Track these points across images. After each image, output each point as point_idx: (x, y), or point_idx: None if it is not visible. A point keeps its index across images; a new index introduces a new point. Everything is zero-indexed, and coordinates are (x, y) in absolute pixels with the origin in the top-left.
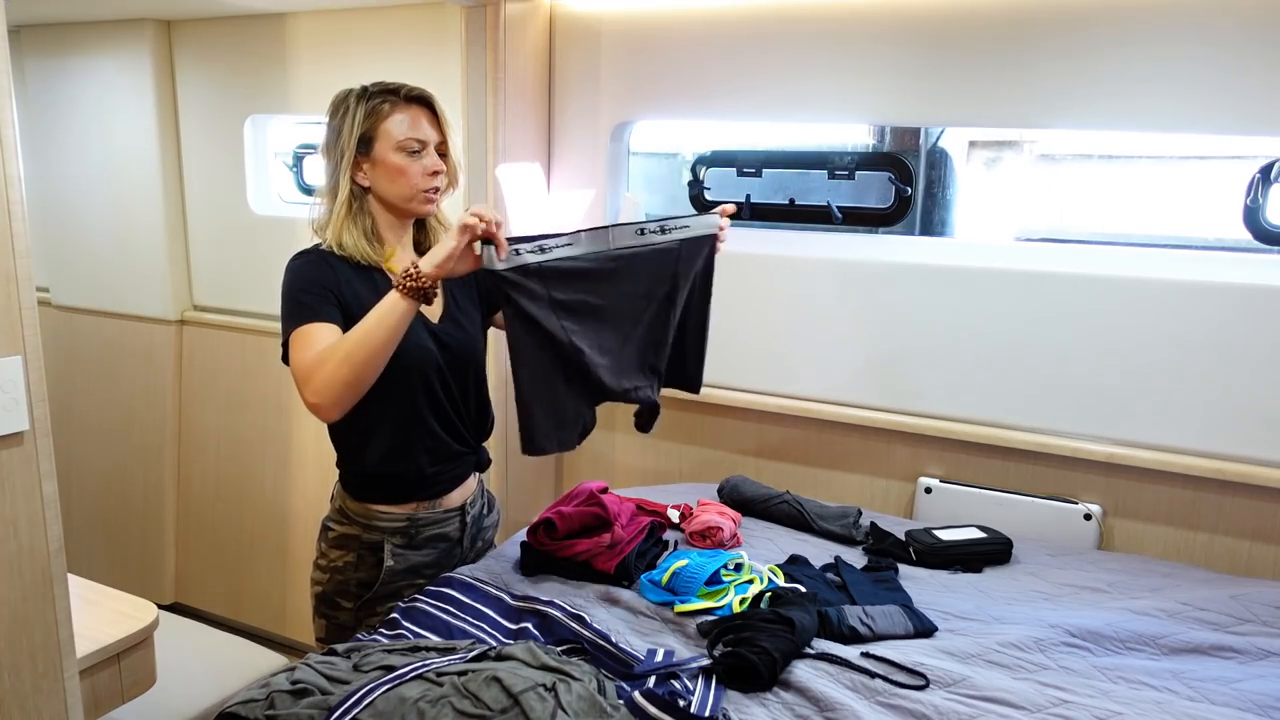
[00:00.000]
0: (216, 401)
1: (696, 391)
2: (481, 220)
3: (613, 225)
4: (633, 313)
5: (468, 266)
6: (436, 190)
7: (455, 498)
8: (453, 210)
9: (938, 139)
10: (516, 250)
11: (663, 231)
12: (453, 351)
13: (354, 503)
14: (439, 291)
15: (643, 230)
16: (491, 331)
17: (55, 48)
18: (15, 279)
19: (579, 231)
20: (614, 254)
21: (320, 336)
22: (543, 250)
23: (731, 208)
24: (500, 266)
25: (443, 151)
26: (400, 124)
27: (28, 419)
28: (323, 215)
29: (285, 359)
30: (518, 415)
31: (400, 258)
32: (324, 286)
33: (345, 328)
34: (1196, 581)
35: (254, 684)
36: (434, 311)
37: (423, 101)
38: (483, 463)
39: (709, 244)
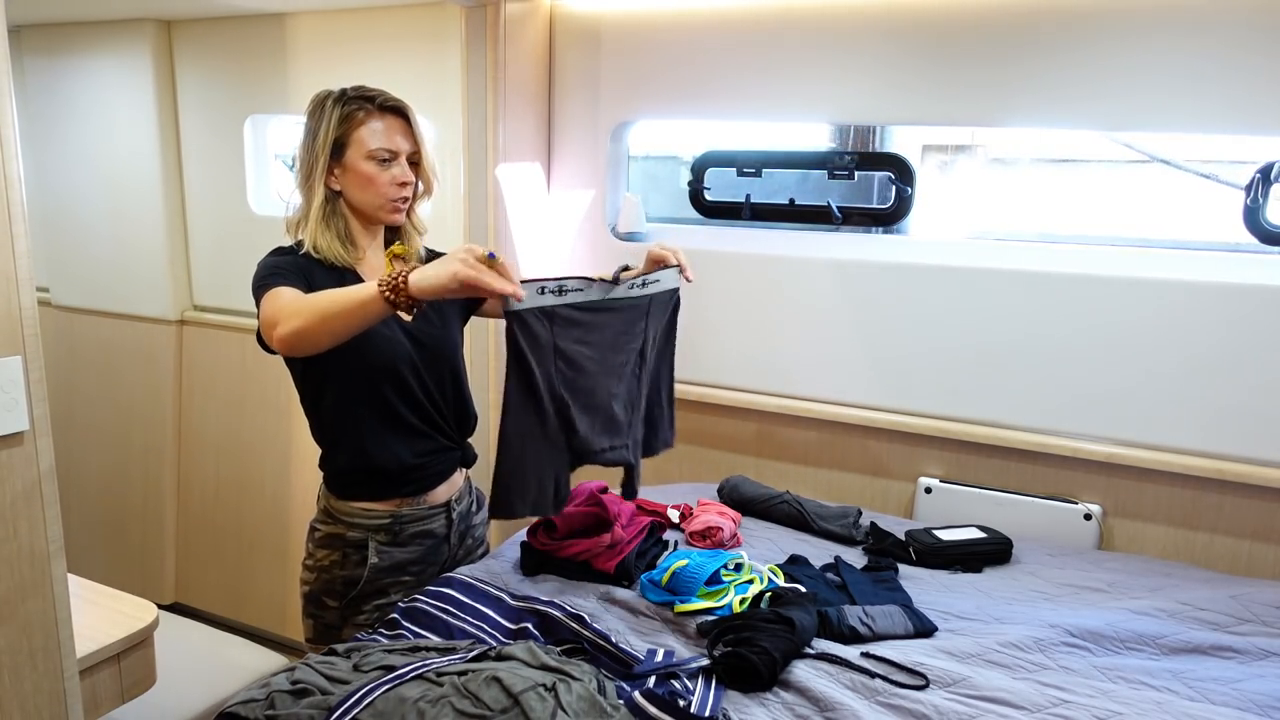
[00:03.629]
0: (216, 401)
1: (670, 446)
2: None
3: (609, 280)
4: (615, 369)
5: (460, 297)
6: (405, 200)
7: (440, 494)
8: (436, 219)
9: (883, 139)
10: (540, 289)
11: (643, 285)
12: (426, 346)
13: (337, 501)
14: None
15: (632, 284)
16: (475, 330)
17: (55, 48)
18: (15, 279)
19: (589, 279)
20: (603, 305)
21: (288, 295)
22: (561, 292)
23: (683, 261)
24: (519, 307)
25: (414, 161)
26: (373, 133)
27: (28, 419)
28: (297, 215)
29: (262, 344)
30: (494, 476)
31: (370, 262)
32: (298, 272)
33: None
34: (1196, 581)
35: (254, 684)
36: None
37: (397, 111)
38: (468, 459)
39: (674, 298)
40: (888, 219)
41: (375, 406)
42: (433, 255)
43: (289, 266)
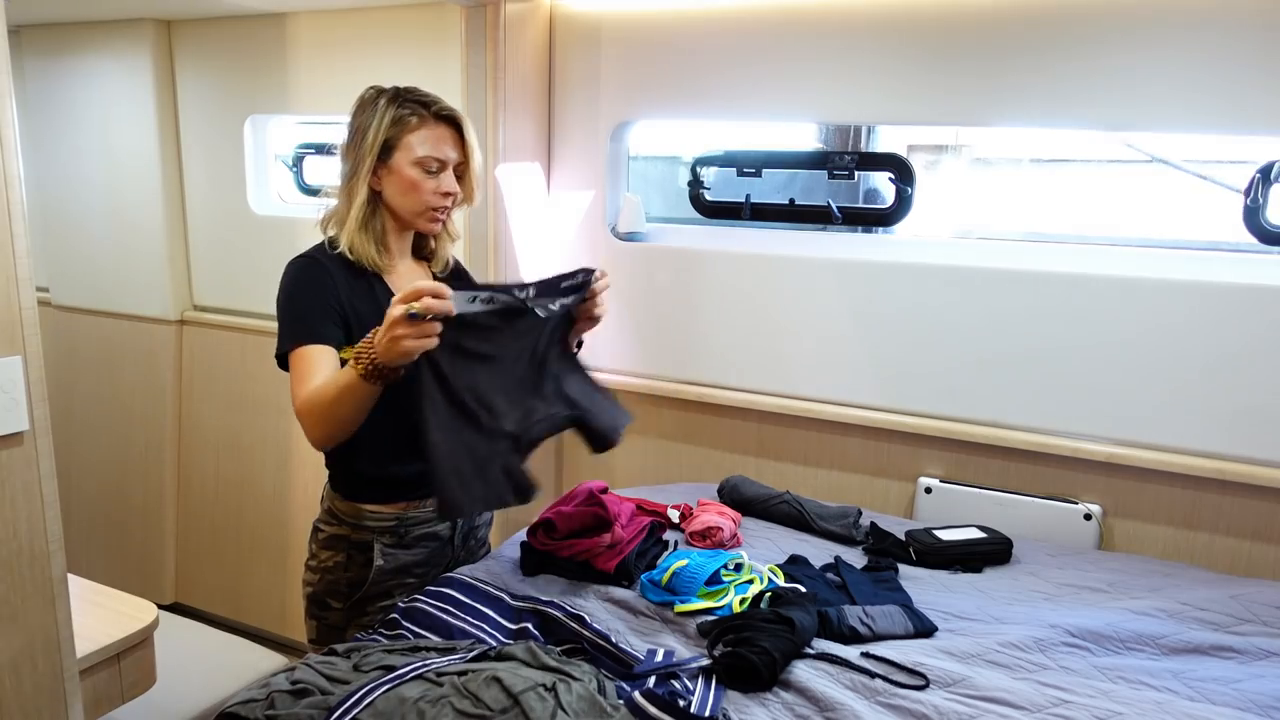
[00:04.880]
0: (216, 401)
1: (629, 418)
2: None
3: (524, 298)
4: (517, 354)
5: (422, 345)
6: (445, 210)
7: None
8: (469, 223)
9: (871, 140)
10: (471, 298)
11: (554, 304)
12: None
13: (343, 502)
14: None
15: (546, 303)
16: None
17: (55, 48)
18: (15, 279)
19: (513, 291)
20: (512, 309)
21: (317, 365)
22: (490, 301)
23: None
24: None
25: (460, 173)
26: (424, 140)
27: (28, 419)
28: (334, 214)
29: (281, 364)
30: (433, 480)
31: (399, 269)
32: (324, 297)
33: (344, 336)
34: (1196, 581)
35: (254, 684)
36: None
37: (451, 120)
38: None
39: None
40: (888, 219)
41: (391, 415)
42: (459, 268)
43: (315, 293)
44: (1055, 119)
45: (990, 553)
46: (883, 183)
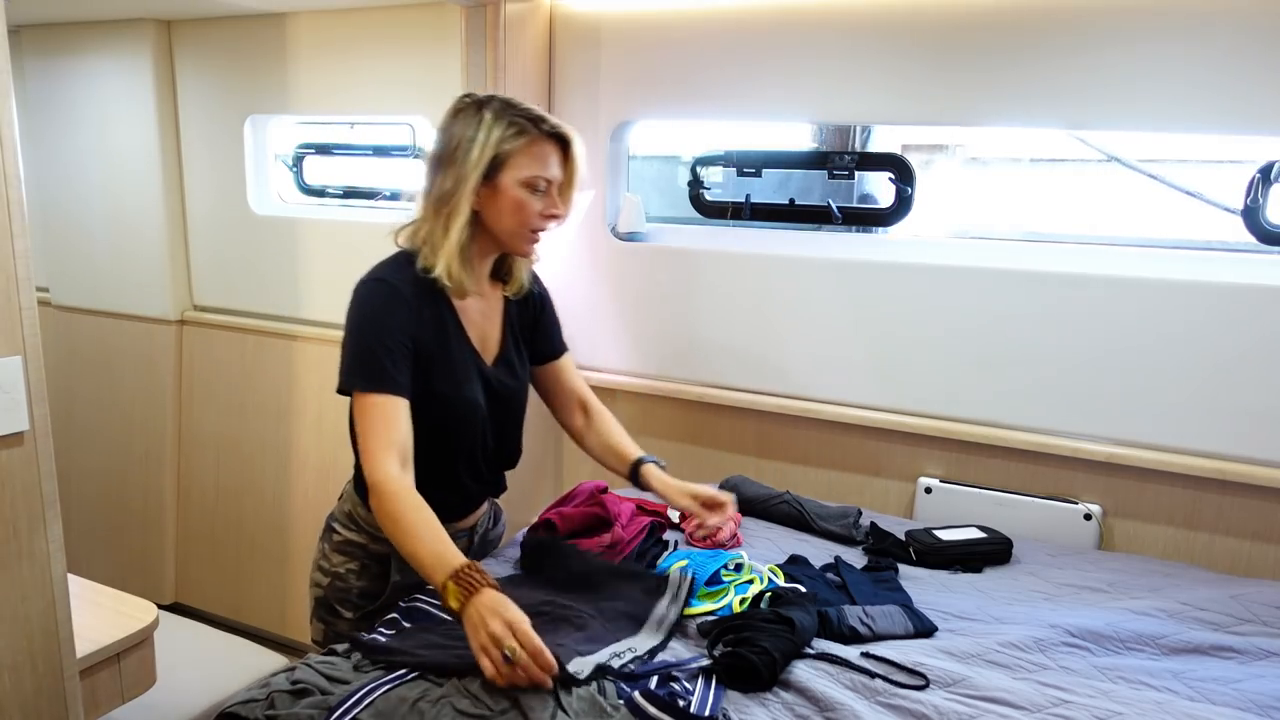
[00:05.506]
0: (217, 401)
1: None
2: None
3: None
4: None
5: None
6: (544, 233)
7: (468, 520)
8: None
9: (866, 140)
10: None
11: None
12: (501, 400)
13: (366, 510)
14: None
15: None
16: None
17: (55, 48)
18: (15, 279)
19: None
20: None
21: (393, 421)
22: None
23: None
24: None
25: (562, 193)
26: (533, 158)
27: (28, 419)
28: (422, 232)
29: (341, 390)
30: None
31: (471, 303)
32: (401, 334)
33: (411, 368)
34: (1196, 581)
35: (254, 684)
36: (489, 350)
37: (560, 139)
38: (500, 490)
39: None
40: (887, 219)
41: (435, 453)
42: (540, 298)
43: (392, 328)
44: (1053, 119)
45: (990, 553)
46: (877, 185)
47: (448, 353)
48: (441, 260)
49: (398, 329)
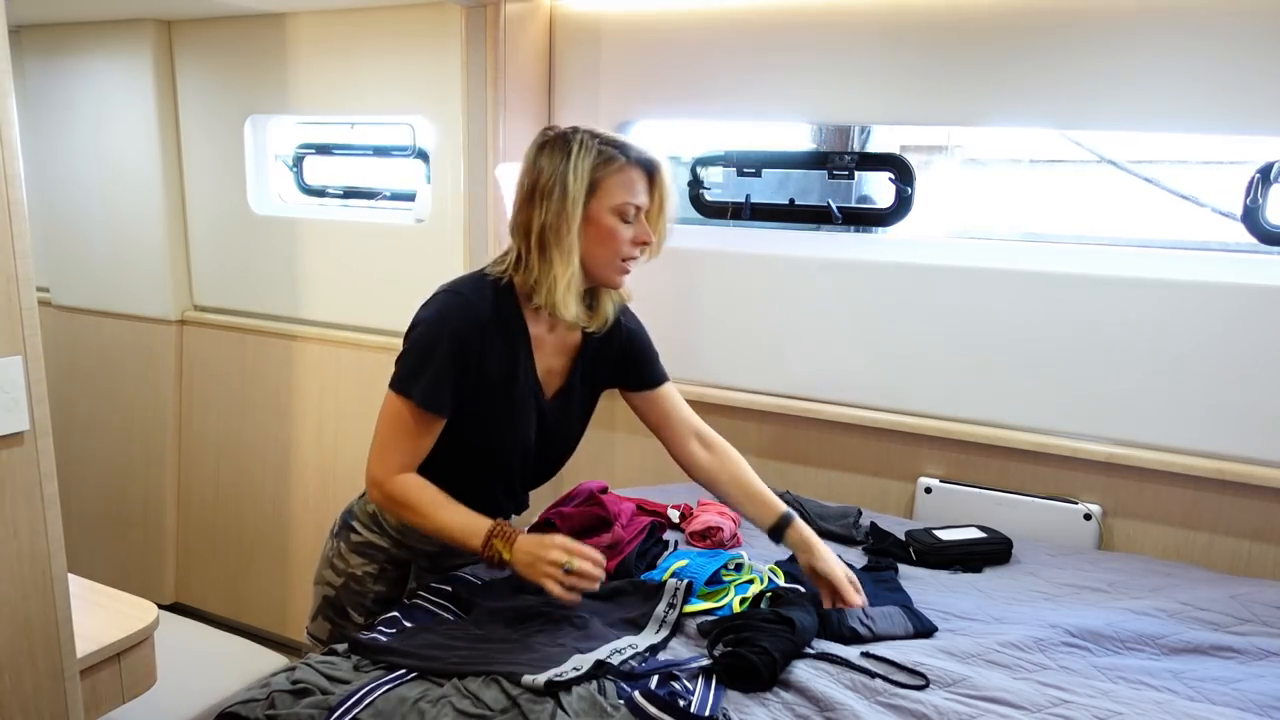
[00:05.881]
0: (217, 401)
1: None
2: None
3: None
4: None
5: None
6: (634, 262)
7: None
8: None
9: (866, 141)
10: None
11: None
12: (550, 435)
13: (393, 516)
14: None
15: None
16: None
17: (55, 48)
18: (15, 279)
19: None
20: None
21: (420, 435)
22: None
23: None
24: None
25: (652, 220)
26: (623, 185)
27: (28, 419)
28: (535, 270)
29: (392, 386)
30: None
31: (545, 337)
32: (464, 357)
33: (463, 390)
34: (1196, 581)
35: (254, 684)
36: (552, 383)
37: (648, 166)
38: (522, 507)
39: None
40: (887, 219)
41: (474, 479)
42: (633, 325)
43: (460, 349)
44: (1052, 119)
45: (990, 553)
46: (877, 185)
47: (511, 385)
48: (560, 299)
49: (461, 346)
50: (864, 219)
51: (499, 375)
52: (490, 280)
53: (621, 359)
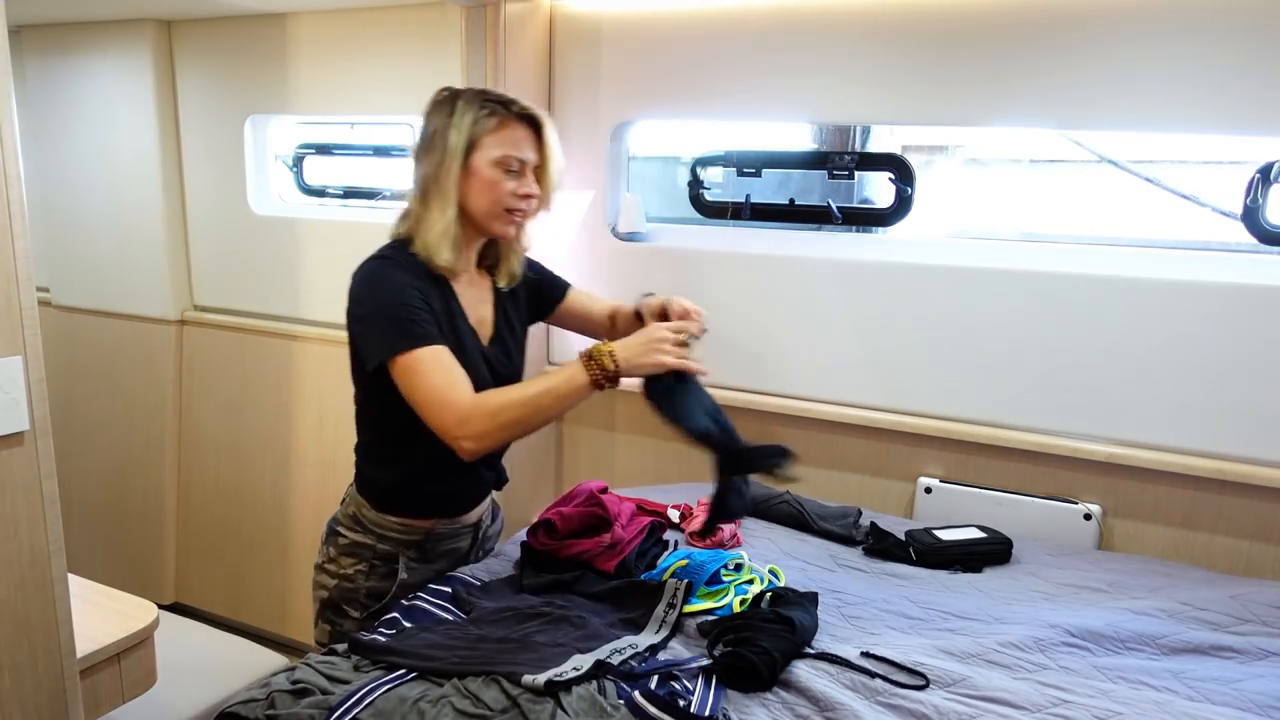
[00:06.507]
0: (217, 401)
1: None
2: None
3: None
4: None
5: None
6: (522, 213)
7: (473, 515)
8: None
9: (866, 141)
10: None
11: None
12: (500, 378)
13: (372, 511)
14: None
15: None
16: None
17: (55, 48)
18: (15, 279)
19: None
20: None
21: (451, 364)
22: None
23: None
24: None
25: (538, 177)
26: (504, 140)
27: (28, 419)
28: (412, 220)
29: (380, 362)
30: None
31: (464, 275)
32: (422, 298)
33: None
34: (1196, 581)
35: (254, 684)
36: (485, 331)
37: (532, 121)
38: (501, 481)
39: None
40: (887, 219)
41: (444, 445)
42: (541, 278)
43: (413, 295)
44: (1052, 120)
45: (990, 553)
46: (877, 187)
47: (456, 333)
48: (434, 244)
49: (420, 293)
50: (864, 219)
51: (445, 324)
52: (401, 244)
53: (533, 294)
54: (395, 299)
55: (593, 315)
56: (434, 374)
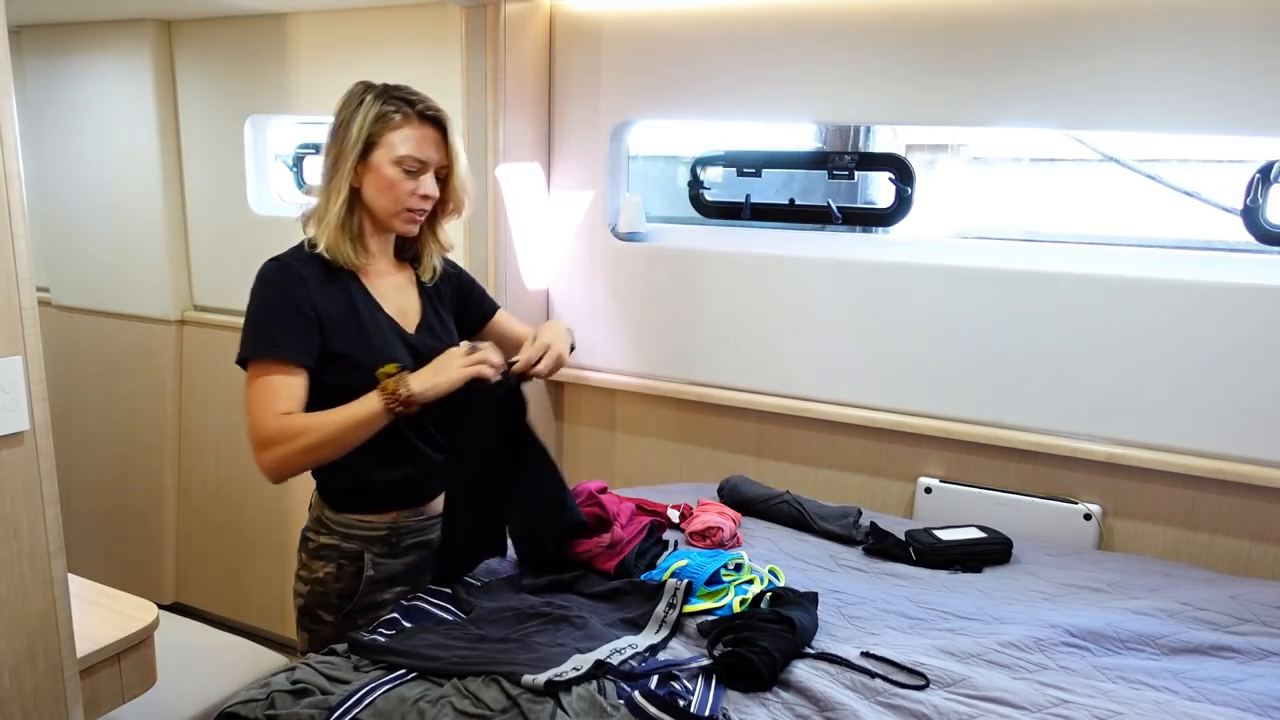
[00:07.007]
0: (216, 401)
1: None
2: (492, 367)
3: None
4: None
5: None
6: (422, 213)
7: (438, 505)
8: (469, 224)
9: (867, 140)
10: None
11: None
12: (427, 360)
13: (332, 512)
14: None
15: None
16: None
17: (55, 48)
18: (15, 279)
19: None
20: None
21: (283, 392)
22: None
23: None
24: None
25: (443, 177)
26: (405, 139)
27: (28, 419)
28: (313, 211)
29: (240, 362)
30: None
31: (376, 268)
32: (295, 304)
33: (316, 344)
34: (1196, 581)
35: (254, 684)
36: (410, 320)
37: (436, 122)
38: None
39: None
40: (887, 219)
41: (385, 431)
42: (453, 269)
43: (286, 300)
44: (1054, 119)
45: (990, 553)
46: (877, 188)
47: (360, 323)
48: (322, 235)
49: (295, 302)
50: (864, 219)
51: (347, 317)
52: (310, 242)
53: (460, 299)
54: (263, 305)
55: (516, 340)
56: (260, 389)
